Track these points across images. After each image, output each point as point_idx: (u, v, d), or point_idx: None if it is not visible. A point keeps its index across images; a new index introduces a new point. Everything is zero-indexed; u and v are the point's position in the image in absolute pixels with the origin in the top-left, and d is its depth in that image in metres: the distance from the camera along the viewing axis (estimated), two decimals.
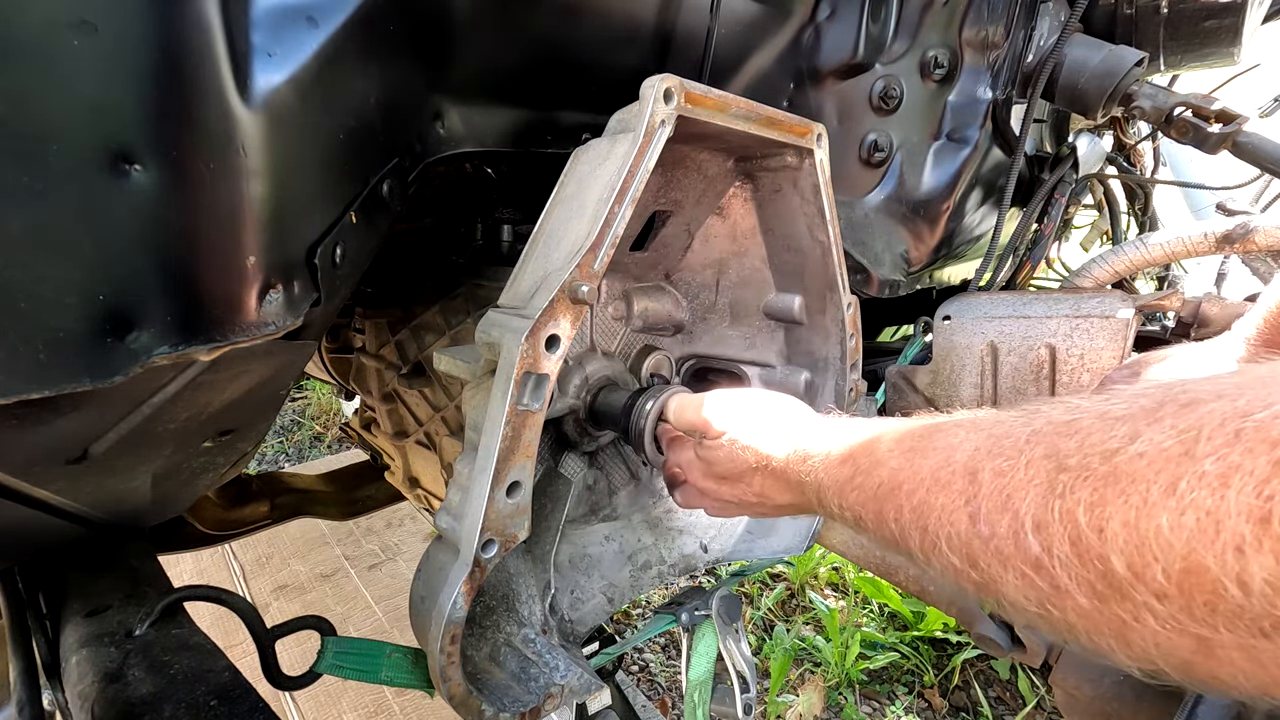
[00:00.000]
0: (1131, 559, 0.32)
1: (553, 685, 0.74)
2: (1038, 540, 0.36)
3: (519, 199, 1.14)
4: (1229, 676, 0.31)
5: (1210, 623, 0.30)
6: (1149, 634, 0.33)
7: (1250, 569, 0.28)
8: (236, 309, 0.51)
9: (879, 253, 1.26)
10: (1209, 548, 0.29)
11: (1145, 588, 0.32)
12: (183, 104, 0.46)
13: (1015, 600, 0.38)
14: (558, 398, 0.91)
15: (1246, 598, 0.28)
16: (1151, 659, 0.34)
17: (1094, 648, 0.36)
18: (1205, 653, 0.31)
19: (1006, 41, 1.22)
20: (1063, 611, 0.36)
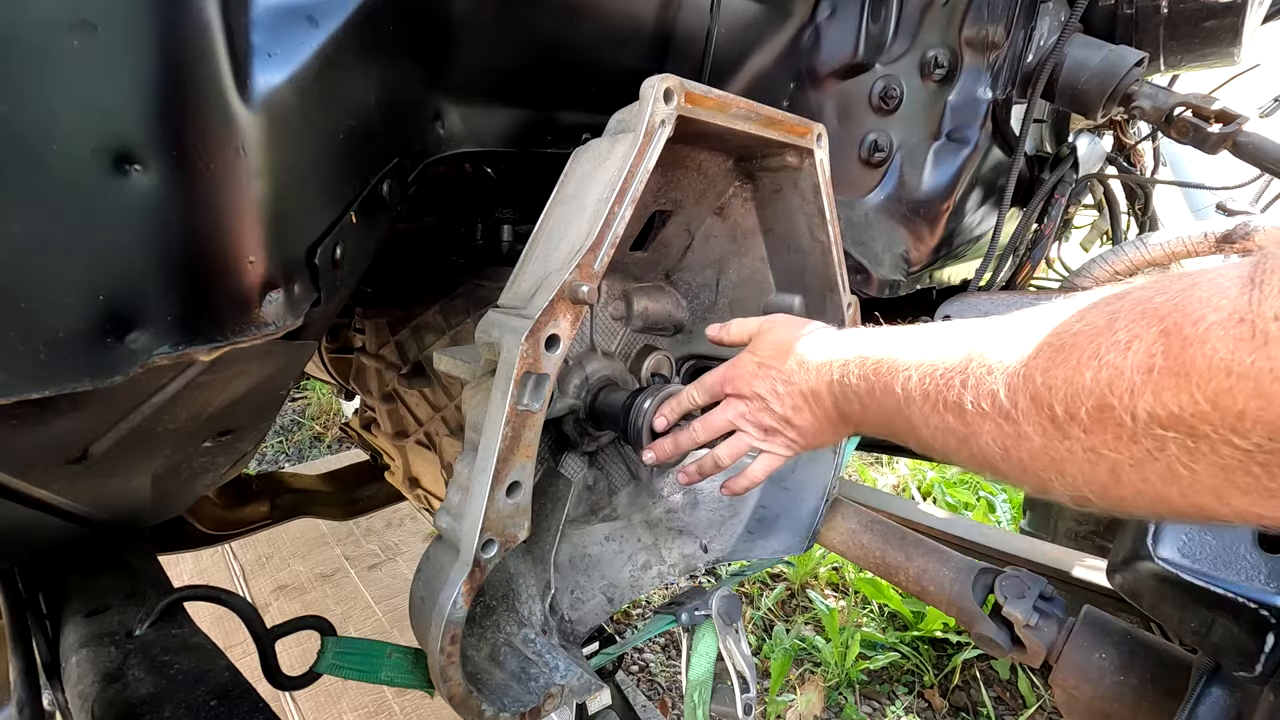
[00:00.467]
0: (1067, 403, 0.44)
1: (553, 685, 0.74)
2: (1009, 398, 0.48)
3: (519, 199, 1.14)
4: (1131, 496, 0.43)
5: (1114, 449, 0.42)
6: (1077, 463, 0.45)
7: (1139, 404, 0.39)
8: (236, 309, 0.51)
9: (879, 253, 1.26)
10: (1113, 391, 0.41)
11: (1075, 424, 0.44)
12: (183, 104, 0.46)
13: (987, 444, 0.51)
14: (558, 398, 0.91)
15: (1134, 424, 0.40)
16: (1079, 485, 0.46)
17: (1039, 483, 0.49)
18: (1113, 477, 0.43)
19: (1006, 41, 1.22)
20: (1019, 453, 0.49)
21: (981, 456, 0.52)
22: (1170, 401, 0.38)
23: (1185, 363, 0.37)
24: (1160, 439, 0.39)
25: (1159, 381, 0.38)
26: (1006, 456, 0.50)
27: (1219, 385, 0.36)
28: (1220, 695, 0.77)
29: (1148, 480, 0.41)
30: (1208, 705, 0.77)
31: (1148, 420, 0.39)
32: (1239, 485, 0.37)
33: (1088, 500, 0.47)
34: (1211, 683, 0.78)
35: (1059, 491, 0.48)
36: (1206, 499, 0.39)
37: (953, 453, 0.56)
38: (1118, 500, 0.44)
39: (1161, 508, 0.42)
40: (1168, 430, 0.39)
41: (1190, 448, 0.38)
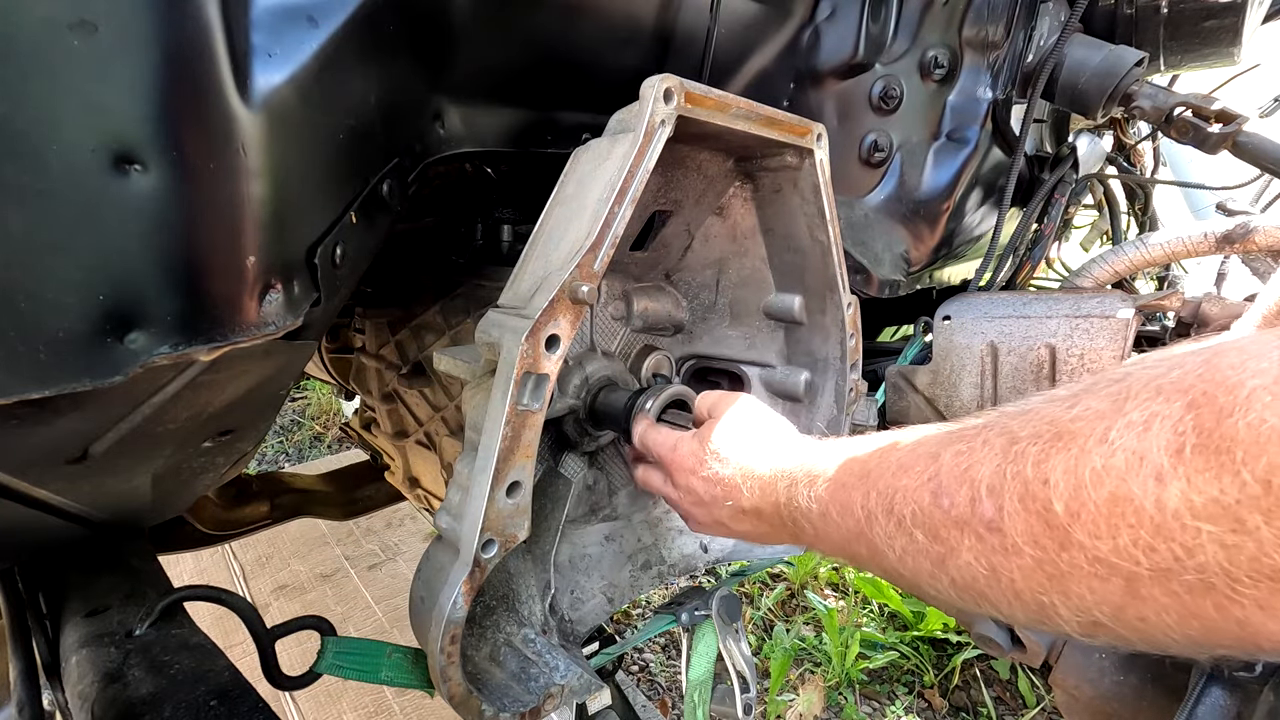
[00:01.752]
0: (1069, 500, 0.36)
1: (553, 685, 0.74)
2: (991, 502, 0.40)
3: (519, 199, 1.14)
4: (1154, 617, 0.35)
5: (1133, 556, 0.34)
6: (1084, 579, 0.37)
7: (1167, 492, 0.32)
8: (236, 309, 0.51)
9: (879, 253, 1.26)
10: (1134, 478, 0.34)
11: (1080, 525, 0.36)
12: (183, 104, 0.46)
13: (968, 564, 0.42)
14: (558, 398, 0.90)
15: (1160, 518, 0.33)
16: (1087, 607, 0.37)
17: (1036, 610, 0.40)
18: (1132, 593, 0.35)
19: (1006, 41, 1.22)
20: (1009, 571, 0.40)
21: (963, 581, 0.43)
22: (1208, 485, 0.31)
23: (1226, 437, 0.31)
24: (1194, 536, 0.32)
25: (1193, 463, 0.32)
26: (994, 578, 0.41)
27: (1272, 461, 0.29)
28: (1220, 695, 0.77)
29: (1174, 593, 0.34)
30: (1208, 705, 0.77)
31: (1177, 512, 0.32)
32: None
33: (1100, 627, 0.38)
34: (1211, 683, 0.78)
35: (1065, 617, 0.39)
36: (1253, 614, 0.32)
37: (927, 579, 0.46)
38: (1138, 623, 0.36)
39: (1195, 629, 0.34)
40: (1204, 523, 0.31)
41: (1231, 546, 0.31)
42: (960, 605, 0.46)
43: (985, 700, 2.15)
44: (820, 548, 0.60)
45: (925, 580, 0.47)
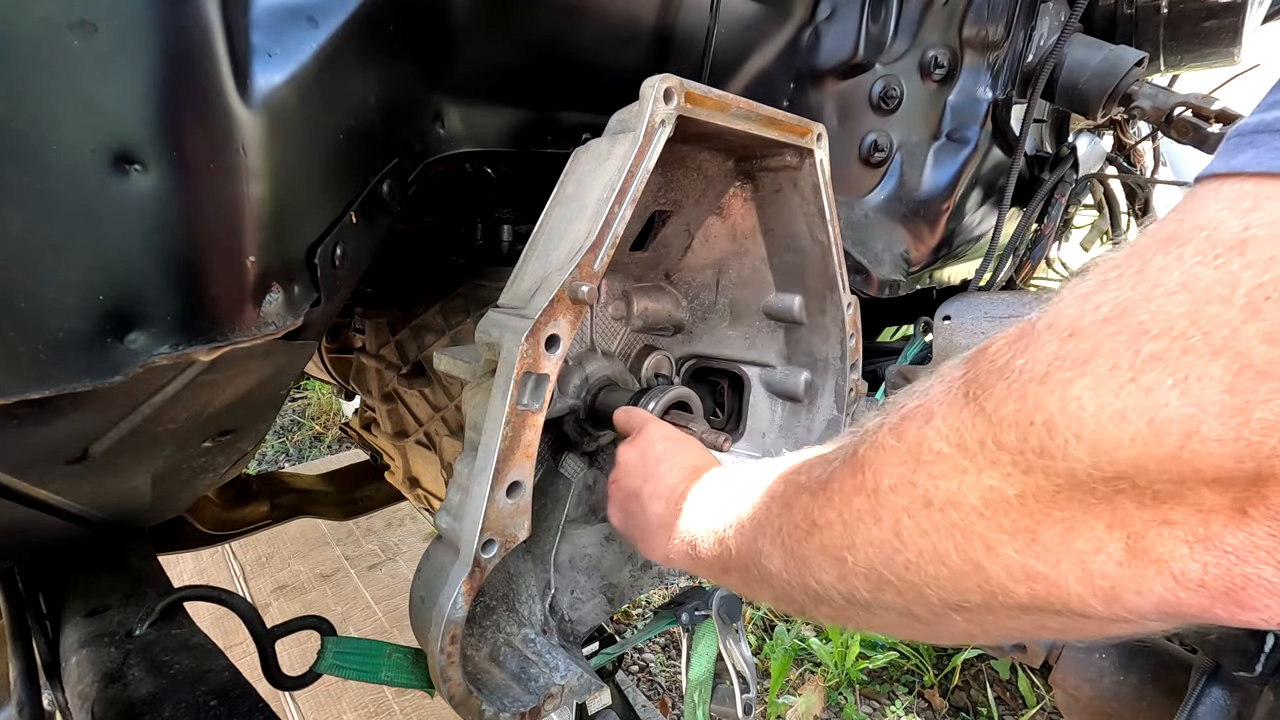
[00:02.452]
0: (867, 447, 0.43)
1: (553, 685, 0.74)
2: (824, 467, 0.48)
3: (519, 199, 1.14)
4: (915, 561, 0.40)
5: (899, 491, 0.40)
6: (866, 526, 0.42)
7: (928, 427, 0.39)
8: (236, 309, 0.51)
9: (879, 253, 1.26)
10: (912, 420, 0.40)
11: (870, 469, 0.42)
12: (183, 104, 0.46)
13: (796, 524, 0.48)
14: (558, 398, 0.90)
15: (920, 450, 0.39)
16: (869, 558, 0.42)
17: (835, 568, 0.45)
18: (896, 534, 0.40)
19: (1006, 41, 1.22)
20: (823, 525, 0.45)
21: (794, 550, 0.48)
22: (952, 416, 0.37)
23: (972, 379, 0.37)
24: (938, 465, 0.38)
25: (950, 401, 0.38)
26: (814, 532, 0.46)
27: (990, 391, 0.35)
28: (1220, 695, 0.77)
29: (925, 533, 0.38)
30: (1208, 705, 0.77)
31: (931, 444, 0.38)
32: (1006, 533, 0.35)
33: (884, 582, 0.42)
34: (1211, 683, 0.78)
35: (857, 573, 0.43)
36: (982, 555, 0.36)
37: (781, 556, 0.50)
38: (905, 572, 0.40)
39: (945, 576, 0.38)
40: (945, 445, 0.37)
41: (963, 471, 0.36)
42: (803, 583, 0.49)
43: (985, 700, 2.15)
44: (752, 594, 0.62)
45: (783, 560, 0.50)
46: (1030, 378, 0.33)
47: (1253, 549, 0.29)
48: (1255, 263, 0.27)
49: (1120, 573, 0.32)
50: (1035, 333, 0.34)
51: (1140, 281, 0.31)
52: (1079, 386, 0.31)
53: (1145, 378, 0.29)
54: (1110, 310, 0.31)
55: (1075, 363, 0.31)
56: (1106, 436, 0.30)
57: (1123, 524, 0.32)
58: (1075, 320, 0.32)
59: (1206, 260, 0.29)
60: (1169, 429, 0.29)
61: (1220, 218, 0.29)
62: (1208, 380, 0.28)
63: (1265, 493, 0.28)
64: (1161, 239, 0.31)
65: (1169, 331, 0.29)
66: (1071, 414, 0.31)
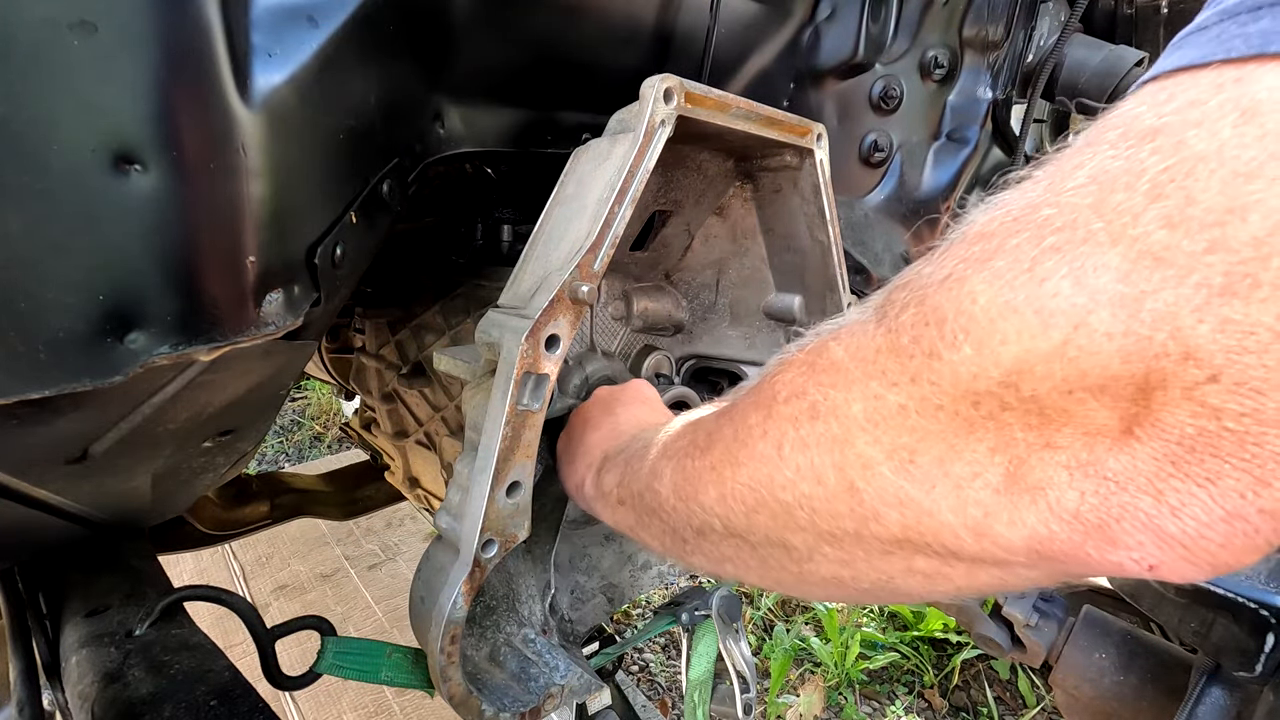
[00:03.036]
0: (775, 375, 0.44)
1: (553, 685, 0.74)
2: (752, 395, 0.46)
3: (519, 199, 1.14)
4: (797, 483, 0.39)
5: (803, 390, 0.39)
6: (754, 442, 0.42)
7: (836, 339, 0.39)
8: (236, 309, 0.51)
9: (879, 253, 1.26)
10: (825, 333, 0.41)
11: (775, 385, 0.43)
12: (183, 104, 0.46)
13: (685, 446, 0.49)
14: (558, 398, 0.90)
15: (822, 359, 0.39)
16: (749, 478, 0.42)
17: (714, 486, 0.45)
18: (778, 456, 0.40)
19: (1006, 41, 1.22)
20: (719, 438, 0.46)
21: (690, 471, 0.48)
22: (860, 328, 0.37)
23: (886, 293, 0.37)
24: (838, 369, 0.37)
25: (862, 315, 0.38)
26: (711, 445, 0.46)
27: (894, 298, 0.35)
28: (1220, 695, 0.77)
29: (807, 448, 0.38)
30: (1208, 705, 0.77)
31: (831, 349, 0.38)
32: (884, 438, 0.34)
33: (759, 502, 0.41)
34: (1211, 683, 0.78)
35: (732, 488, 0.43)
36: (854, 466, 0.36)
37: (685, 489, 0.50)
38: (783, 493, 0.39)
39: (820, 490, 0.38)
40: (845, 353, 0.37)
41: (862, 366, 0.36)
42: (688, 508, 0.48)
43: (985, 700, 2.15)
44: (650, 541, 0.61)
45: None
46: (930, 282, 0.32)
47: (1133, 475, 0.27)
48: (1163, 148, 0.26)
49: (995, 500, 0.31)
50: (949, 243, 0.33)
51: (1052, 181, 0.30)
52: (974, 282, 0.30)
53: (1040, 268, 0.28)
54: (1020, 210, 0.30)
55: (977, 261, 0.30)
56: (994, 329, 0.29)
57: (1006, 447, 0.31)
58: (986, 224, 0.32)
59: (1119, 152, 0.27)
60: (1056, 320, 0.27)
61: (1136, 113, 0.28)
62: (1103, 269, 0.26)
63: (1153, 407, 0.26)
64: (1081, 144, 0.30)
65: (1072, 223, 0.28)
66: (963, 309, 0.30)
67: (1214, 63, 0.26)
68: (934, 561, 0.35)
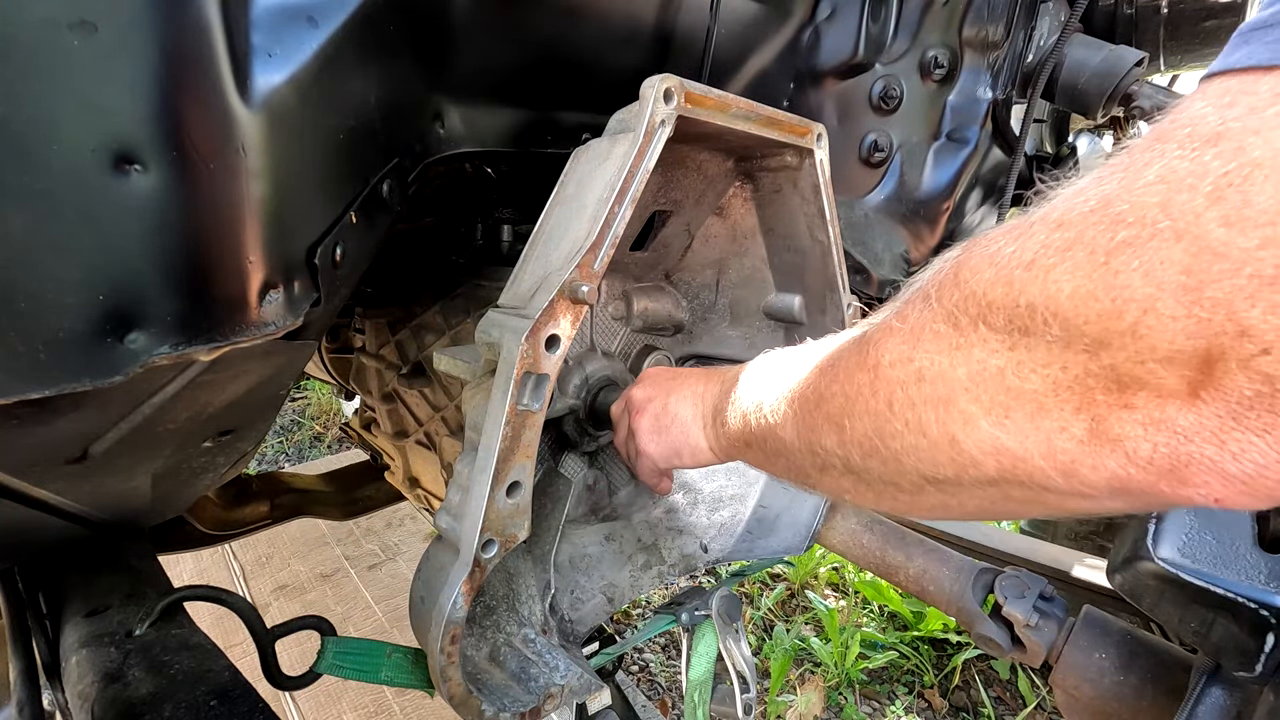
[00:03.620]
0: (872, 339, 0.49)
1: (553, 685, 0.74)
2: (859, 353, 0.52)
3: (519, 199, 1.14)
4: (899, 428, 0.45)
5: (903, 354, 0.44)
6: (862, 396, 0.47)
7: (924, 310, 0.43)
8: (236, 309, 0.51)
9: (879, 253, 1.26)
10: (914, 304, 0.45)
11: (874, 347, 0.47)
12: (183, 104, 0.46)
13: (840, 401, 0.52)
14: (558, 398, 0.91)
15: (920, 330, 0.43)
16: (859, 423, 0.48)
17: (835, 423, 0.50)
18: (888, 408, 0.45)
19: (1006, 41, 1.22)
20: (825, 386, 0.52)
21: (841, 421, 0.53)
22: (946, 298, 0.41)
23: (966, 265, 0.40)
24: (930, 337, 0.42)
25: (944, 288, 0.42)
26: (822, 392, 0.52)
27: (981, 276, 0.39)
28: (1220, 695, 0.77)
29: (911, 403, 0.43)
30: (1208, 705, 0.77)
31: (922, 323, 0.43)
32: (984, 397, 0.39)
33: (873, 449, 0.48)
34: (1211, 683, 0.78)
35: (850, 436, 0.49)
36: (960, 424, 0.40)
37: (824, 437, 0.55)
38: (887, 436, 0.45)
39: (926, 444, 0.43)
40: (938, 324, 0.42)
41: (954, 345, 0.40)
42: (810, 448, 0.54)
43: (985, 700, 2.15)
44: (758, 462, 0.68)
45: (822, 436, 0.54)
46: (1018, 264, 0.36)
47: (1199, 429, 0.31)
48: (1224, 153, 0.29)
49: (1080, 450, 0.36)
50: (1029, 224, 0.37)
51: (1125, 176, 0.33)
52: (1059, 272, 0.34)
53: (1115, 261, 0.32)
54: (1096, 202, 0.34)
55: (1058, 250, 0.34)
56: (1077, 313, 0.33)
57: (1089, 407, 0.35)
58: (1065, 212, 0.35)
59: (1185, 154, 0.31)
60: (1129, 306, 0.31)
61: (1203, 114, 0.31)
62: (1169, 263, 0.30)
63: (1215, 375, 0.30)
64: (1152, 139, 0.33)
65: (1141, 220, 0.31)
66: (1050, 295, 0.35)
67: (1276, 67, 0.29)
68: (1029, 492, 0.40)
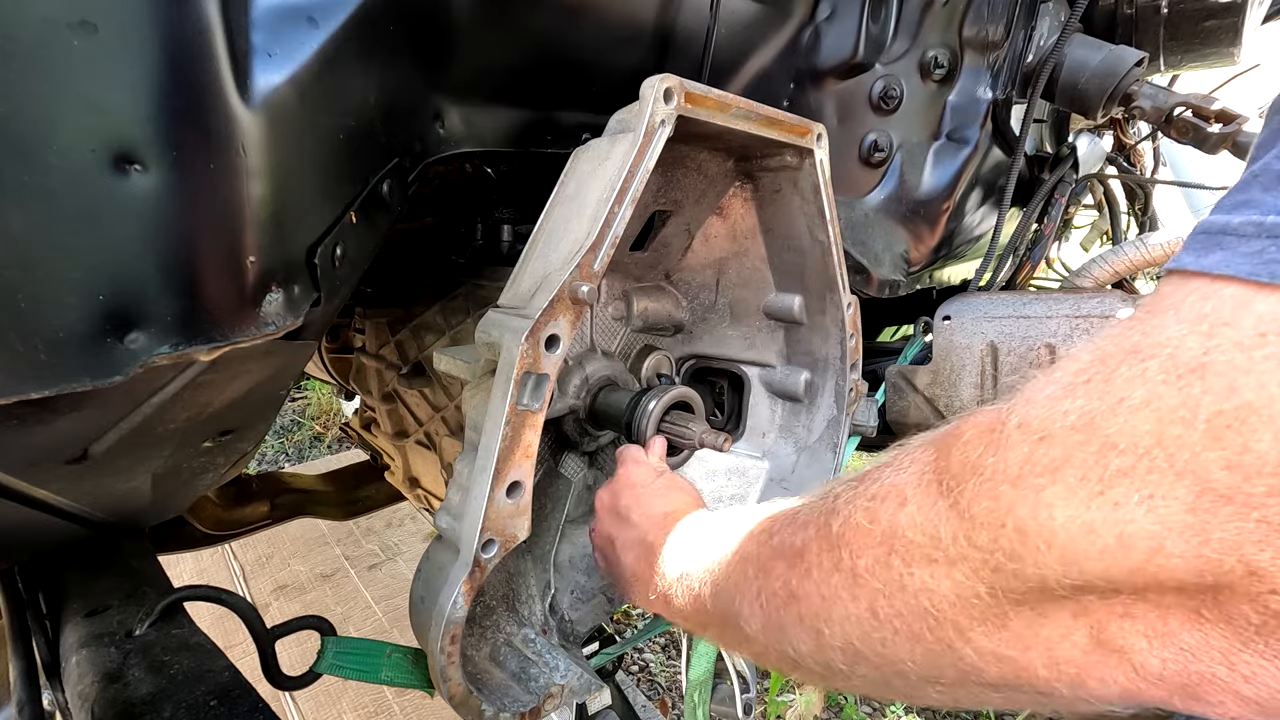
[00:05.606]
0: (842, 522, 0.44)
1: (553, 685, 0.74)
2: (800, 533, 0.49)
3: (519, 199, 1.14)
4: (892, 640, 0.41)
5: (874, 572, 0.41)
6: (843, 601, 0.43)
7: (903, 512, 0.40)
8: (236, 309, 0.51)
9: (879, 253, 1.26)
10: (885, 503, 0.41)
11: (845, 545, 0.44)
12: (183, 104, 0.46)
13: (774, 592, 0.49)
14: (558, 398, 0.90)
15: (894, 533, 0.40)
16: (846, 632, 0.43)
17: (813, 639, 0.46)
18: (873, 614, 0.42)
19: (1006, 41, 1.22)
20: (802, 596, 0.46)
21: (771, 619, 0.50)
22: (927, 505, 0.38)
23: (944, 468, 0.38)
24: (910, 551, 0.39)
25: (924, 489, 0.39)
26: (792, 602, 0.47)
27: (963, 486, 0.37)
28: None
29: (900, 614, 0.40)
30: None
31: (902, 529, 0.39)
32: (977, 617, 0.37)
33: (859, 657, 0.44)
34: None
35: (833, 646, 0.45)
36: (955, 639, 0.38)
37: (760, 625, 0.51)
38: (882, 649, 0.42)
39: (920, 656, 0.40)
40: (917, 535, 0.39)
41: (934, 561, 0.38)
42: (780, 649, 0.50)
43: None
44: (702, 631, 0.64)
45: (760, 632, 0.51)
46: (1003, 478, 0.34)
47: (1206, 648, 0.31)
48: (1214, 389, 0.28)
49: (1085, 660, 0.34)
50: (1006, 430, 0.35)
51: (1106, 392, 0.32)
52: (1050, 494, 0.32)
53: (1113, 492, 0.31)
54: (1078, 419, 0.32)
55: (1046, 469, 0.33)
56: (1077, 548, 0.32)
57: (1086, 613, 0.34)
58: (1045, 424, 0.34)
59: (1170, 381, 0.30)
60: (1135, 544, 0.30)
61: (1182, 339, 0.30)
62: (1172, 500, 0.29)
63: (1220, 602, 0.30)
64: (1127, 349, 0.32)
65: (1134, 448, 0.30)
66: (1042, 522, 0.33)
67: (1255, 283, 0.29)
68: (1035, 697, 0.38)
